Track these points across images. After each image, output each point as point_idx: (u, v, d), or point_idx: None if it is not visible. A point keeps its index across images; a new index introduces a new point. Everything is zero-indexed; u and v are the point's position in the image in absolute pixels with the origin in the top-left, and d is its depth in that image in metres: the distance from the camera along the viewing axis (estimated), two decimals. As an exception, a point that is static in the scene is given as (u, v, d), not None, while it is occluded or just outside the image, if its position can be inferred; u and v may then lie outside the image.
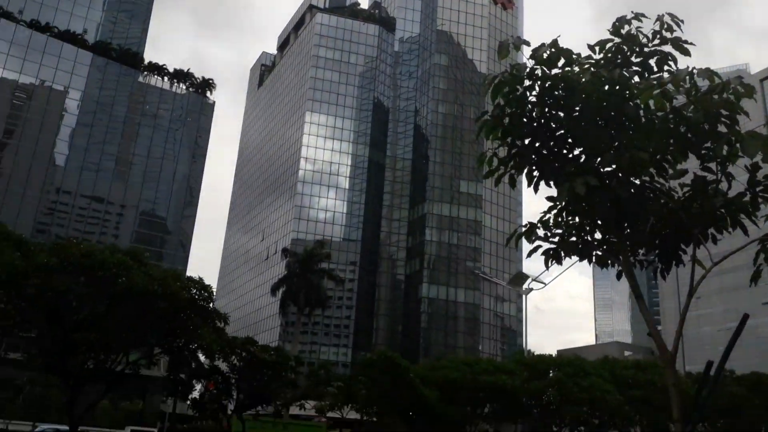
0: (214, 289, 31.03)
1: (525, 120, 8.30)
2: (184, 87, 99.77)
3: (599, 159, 8.10)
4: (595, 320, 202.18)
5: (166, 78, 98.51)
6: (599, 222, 8.70)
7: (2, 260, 23.40)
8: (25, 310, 25.91)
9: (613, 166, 8.03)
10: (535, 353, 43.64)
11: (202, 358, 30.53)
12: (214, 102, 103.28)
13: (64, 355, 26.91)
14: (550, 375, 36.86)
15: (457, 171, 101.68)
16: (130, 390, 48.67)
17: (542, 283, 38.96)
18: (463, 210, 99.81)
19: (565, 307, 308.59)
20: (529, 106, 8.21)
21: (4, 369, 35.58)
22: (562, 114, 8.18)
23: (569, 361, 38.77)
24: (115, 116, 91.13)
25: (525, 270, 74.87)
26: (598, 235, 8.92)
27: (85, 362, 27.45)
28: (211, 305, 29.83)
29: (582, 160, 8.30)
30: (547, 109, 8.18)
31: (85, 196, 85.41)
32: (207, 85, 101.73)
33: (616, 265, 9.01)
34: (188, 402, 32.47)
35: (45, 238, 63.62)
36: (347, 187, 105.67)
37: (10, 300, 25.63)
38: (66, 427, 36.22)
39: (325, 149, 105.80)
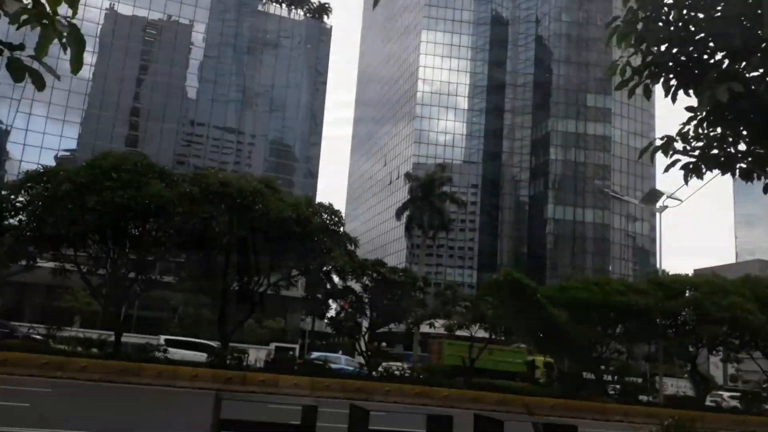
0: (343, 214, 32.30)
1: (661, 24, 7.72)
2: (301, 13, 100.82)
3: (744, 63, 7.43)
4: (735, 238, 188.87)
5: (283, 5, 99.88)
6: (744, 132, 8.07)
7: (150, 191, 25.57)
8: (173, 236, 28.32)
9: (761, 71, 7.33)
10: (670, 273, 41.85)
11: (335, 279, 32.18)
12: (332, 26, 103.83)
13: (212, 278, 29.43)
14: (686, 295, 35.40)
15: (583, 84, 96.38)
16: (272, 309, 52.40)
17: (678, 200, 36.82)
18: (591, 125, 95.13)
19: (702, 225, 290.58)
20: (665, 8, 7.61)
21: (160, 291, 39.49)
22: (702, 15, 7.52)
23: (706, 280, 36.92)
24: (238, 47, 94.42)
25: (658, 187, 70.79)
26: (742, 147, 8.29)
27: (231, 284, 29.82)
28: (341, 229, 31.18)
29: (725, 65, 7.65)
30: (685, 11, 7.54)
31: (217, 128, 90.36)
32: (323, 9, 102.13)
33: (762, 178, 8.36)
34: (325, 320, 34.63)
35: (185, 169, 68.54)
36: (466, 107, 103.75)
37: (160, 227, 28.12)
38: (335, 354, 40.01)
39: (443, 69, 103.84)
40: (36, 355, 23.51)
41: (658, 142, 8.20)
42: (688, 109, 7.96)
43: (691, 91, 7.95)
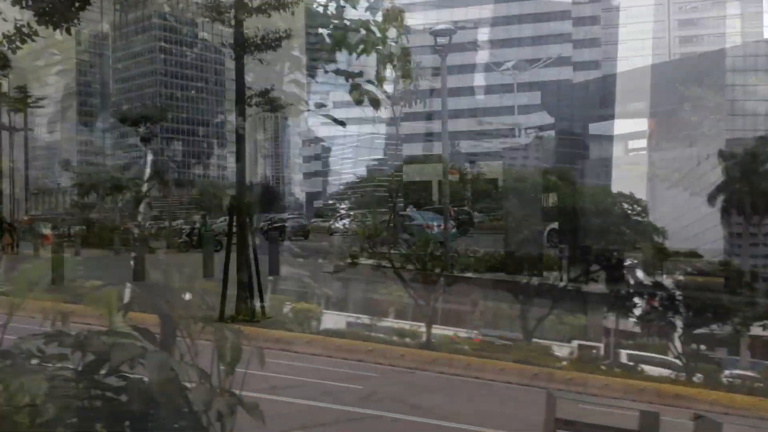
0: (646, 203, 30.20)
1: None
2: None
3: None
4: None
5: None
6: None
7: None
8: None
9: None
10: None
11: (640, 274, 30.04)
12: (619, 3, 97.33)
13: (510, 272, 29.78)
14: None
15: None
16: (572, 306, 51.40)
17: None
18: None
19: None
20: None
21: (459, 287, 41.36)
22: None
23: None
24: (521, 41, 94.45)
25: None
26: None
27: (530, 278, 29.82)
28: (645, 219, 29.17)
29: None
30: None
31: (504, 125, 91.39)
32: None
33: None
34: (632, 319, 32.48)
35: (476, 167, 70.56)
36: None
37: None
38: None
39: (757, 27, 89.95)
40: (363, 342, 26.28)
41: None
42: None
43: None
